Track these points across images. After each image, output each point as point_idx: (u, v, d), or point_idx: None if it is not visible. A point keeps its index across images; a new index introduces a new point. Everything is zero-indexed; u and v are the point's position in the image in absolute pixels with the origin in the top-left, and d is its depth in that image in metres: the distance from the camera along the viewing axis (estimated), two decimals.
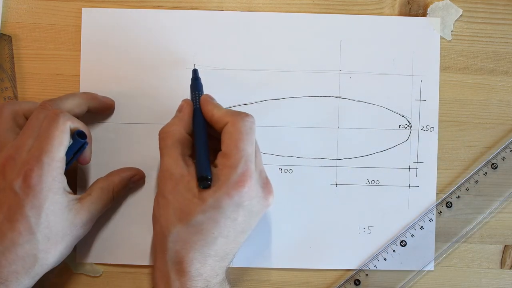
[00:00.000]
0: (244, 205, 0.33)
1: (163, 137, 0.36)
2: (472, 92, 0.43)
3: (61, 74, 0.43)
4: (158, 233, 0.35)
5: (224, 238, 0.33)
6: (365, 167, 0.43)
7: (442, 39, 0.43)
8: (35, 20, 0.43)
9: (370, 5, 0.43)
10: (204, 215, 0.32)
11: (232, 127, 0.34)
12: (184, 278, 0.33)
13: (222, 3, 0.43)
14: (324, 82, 0.43)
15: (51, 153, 0.34)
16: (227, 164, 0.33)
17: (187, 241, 0.33)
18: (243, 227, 0.34)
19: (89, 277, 0.43)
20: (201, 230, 0.33)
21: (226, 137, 0.34)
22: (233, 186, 0.32)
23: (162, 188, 0.34)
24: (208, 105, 0.37)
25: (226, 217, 0.33)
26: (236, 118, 0.34)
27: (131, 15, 0.42)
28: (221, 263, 0.35)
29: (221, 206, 0.32)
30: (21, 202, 0.33)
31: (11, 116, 0.37)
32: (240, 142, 0.33)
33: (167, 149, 0.35)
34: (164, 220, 0.34)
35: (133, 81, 0.42)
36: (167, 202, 0.34)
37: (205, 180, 0.33)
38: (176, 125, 0.36)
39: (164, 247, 0.34)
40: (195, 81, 0.39)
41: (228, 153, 0.33)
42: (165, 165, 0.35)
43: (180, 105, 0.38)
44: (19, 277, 0.34)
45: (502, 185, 0.43)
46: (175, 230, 0.33)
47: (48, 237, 0.34)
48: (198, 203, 0.32)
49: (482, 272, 0.43)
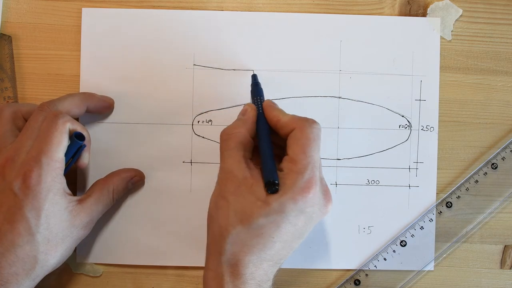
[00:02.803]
0: (306, 211, 0.33)
1: (225, 139, 0.35)
2: (472, 92, 0.43)
3: (61, 74, 0.43)
4: (215, 234, 0.34)
5: (282, 243, 0.33)
6: (365, 167, 0.43)
7: (442, 39, 0.43)
8: (35, 20, 0.43)
9: (370, 5, 0.43)
10: (266, 218, 0.32)
11: (299, 133, 0.34)
12: (238, 280, 0.33)
13: (222, 3, 0.43)
14: (324, 82, 0.43)
15: (50, 154, 0.34)
16: (294, 170, 0.33)
17: (245, 243, 0.32)
18: (301, 233, 0.34)
19: (89, 277, 0.43)
20: (261, 233, 0.32)
21: (293, 143, 0.34)
22: (298, 191, 0.32)
23: (223, 189, 0.34)
24: (273, 110, 0.36)
25: (287, 222, 0.32)
26: (304, 124, 0.34)
27: (131, 15, 0.42)
28: (274, 268, 0.34)
29: (284, 210, 0.32)
30: (21, 203, 0.33)
31: (10, 118, 0.37)
32: (308, 148, 0.33)
33: (230, 150, 0.35)
34: (223, 221, 0.33)
35: (133, 81, 0.42)
36: (227, 203, 0.33)
37: (273, 185, 0.32)
38: (240, 128, 0.36)
39: (220, 248, 0.33)
40: (255, 86, 0.40)
41: (295, 159, 0.33)
42: (227, 167, 0.34)
43: (244, 109, 0.38)
44: (19, 278, 0.34)
45: (502, 185, 0.43)
46: (235, 231, 0.33)
47: (48, 238, 0.34)
48: (262, 206, 0.32)
49: (482, 272, 0.43)
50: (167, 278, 0.43)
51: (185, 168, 0.42)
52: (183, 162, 0.42)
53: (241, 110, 0.38)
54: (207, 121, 0.43)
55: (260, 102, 0.38)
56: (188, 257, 0.42)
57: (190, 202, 0.42)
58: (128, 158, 0.42)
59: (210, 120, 0.43)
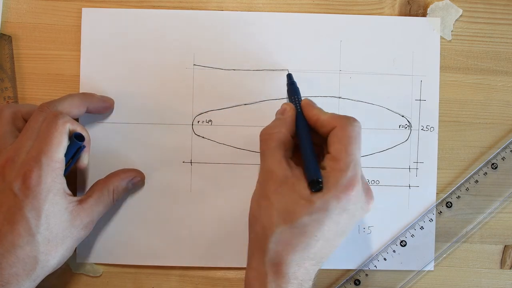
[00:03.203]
0: (349, 208, 0.33)
1: (265, 139, 0.35)
2: (472, 92, 0.43)
3: (61, 74, 0.43)
4: (258, 234, 0.34)
5: (325, 241, 0.33)
6: (365, 167, 0.43)
7: (442, 39, 0.43)
8: (35, 20, 0.43)
9: (370, 5, 0.43)
10: (310, 217, 0.32)
11: (341, 131, 0.34)
12: (281, 280, 0.33)
13: (222, 3, 0.43)
14: (324, 82, 0.43)
15: (50, 154, 0.34)
16: (337, 168, 0.33)
17: (289, 242, 0.33)
18: (343, 230, 0.34)
19: (89, 277, 0.43)
20: (304, 232, 0.32)
21: (335, 141, 0.34)
22: (342, 189, 0.32)
23: (265, 189, 0.34)
24: (313, 109, 0.36)
25: (331, 220, 0.32)
26: (345, 122, 0.34)
27: (131, 15, 0.42)
28: (315, 267, 0.34)
29: (328, 208, 0.32)
30: (21, 204, 0.33)
31: (10, 118, 0.37)
32: (350, 146, 0.33)
33: (271, 150, 0.35)
34: (266, 220, 0.33)
35: (133, 81, 0.42)
36: (270, 203, 0.33)
37: (317, 183, 0.32)
38: (280, 127, 0.35)
39: (264, 248, 0.33)
40: (291, 85, 0.39)
41: (337, 157, 0.33)
42: (268, 166, 0.34)
43: (282, 108, 0.37)
44: (19, 279, 0.34)
45: (502, 185, 0.43)
46: (278, 230, 0.33)
47: (48, 239, 0.34)
48: (305, 205, 0.32)
49: (482, 272, 0.43)
50: (167, 278, 0.43)
51: (185, 168, 0.42)
52: (183, 162, 0.42)
53: (279, 110, 0.38)
54: (207, 121, 0.43)
55: (298, 101, 0.38)
56: (188, 257, 0.42)
57: (190, 202, 0.42)
58: (128, 158, 0.42)
59: (210, 120, 0.43)
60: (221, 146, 0.43)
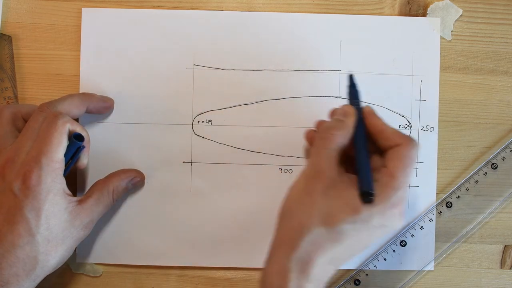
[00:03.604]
0: (386, 225, 0.33)
1: (325, 137, 0.35)
2: (472, 92, 0.43)
3: (61, 74, 0.43)
4: (291, 228, 0.34)
5: (352, 251, 0.34)
6: None
7: (442, 39, 0.43)
8: (35, 20, 0.43)
9: (370, 5, 0.43)
10: (351, 225, 0.32)
11: (405, 151, 0.34)
12: (304, 278, 0.33)
13: (222, 3, 0.43)
14: (324, 82, 0.43)
15: (49, 154, 0.34)
16: (391, 185, 0.33)
17: (321, 245, 0.33)
18: (370, 243, 0.34)
19: (89, 277, 0.43)
20: (340, 238, 0.33)
21: (396, 158, 0.34)
22: (389, 206, 0.32)
23: (310, 186, 0.34)
24: (377, 119, 0.36)
25: (367, 233, 0.33)
26: (411, 144, 0.34)
27: (131, 15, 0.42)
28: (331, 271, 0.34)
29: (370, 221, 0.32)
30: (21, 204, 0.33)
31: (10, 119, 0.37)
32: (408, 168, 0.33)
33: (327, 150, 0.34)
34: (305, 218, 0.33)
35: (133, 81, 0.42)
36: (313, 202, 0.33)
37: (369, 196, 0.32)
38: (341, 130, 0.35)
39: (294, 244, 0.33)
40: (353, 88, 0.38)
41: (395, 175, 0.33)
42: (320, 166, 0.34)
43: (344, 110, 0.36)
44: (19, 279, 0.34)
45: (502, 185, 0.43)
46: (316, 231, 0.33)
47: (48, 239, 0.34)
48: (349, 213, 0.32)
49: (482, 272, 0.43)
50: (167, 278, 0.43)
51: (185, 168, 0.42)
52: (183, 162, 0.42)
53: (340, 110, 0.37)
54: (207, 121, 0.43)
55: (358, 105, 0.37)
56: (188, 257, 0.42)
57: (190, 202, 0.42)
58: (128, 158, 0.42)
59: (210, 120, 0.43)
60: (221, 146, 0.43)
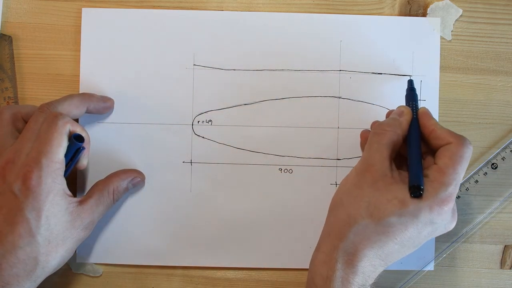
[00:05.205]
0: (435, 222, 0.34)
1: (379, 133, 0.36)
2: (472, 92, 0.43)
3: (61, 74, 0.43)
4: (340, 219, 0.35)
5: (401, 246, 0.34)
6: None
7: (442, 39, 0.43)
8: (35, 20, 0.43)
9: (370, 5, 0.43)
10: (398, 219, 0.33)
11: (455, 148, 0.34)
12: (349, 270, 0.33)
13: (222, 3, 0.43)
14: (324, 82, 0.43)
15: (50, 155, 0.34)
16: (440, 180, 0.33)
17: (368, 237, 0.33)
18: (419, 242, 0.35)
19: (89, 277, 0.43)
20: (387, 231, 0.33)
21: (446, 155, 0.34)
22: (437, 202, 0.33)
23: (360, 179, 0.35)
24: (430, 119, 0.37)
25: (415, 228, 0.33)
26: (462, 141, 0.34)
27: (131, 15, 0.42)
28: (381, 268, 0.35)
29: (418, 216, 0.33)
30: (21, 205, 0.33)
31: (10, 120, 0.37)
32: (458, 165, 0.34)
33: (380, 145, 0.35)
34: (353, 210, 0.34)
35: (133, 81, 0.42)
36: (362, 194, 0.34)
37: (418, 189, 0.33)
38: (396, 128, 0.36)
39: (342, 235, 0.34)
40: (411, 91, 0.40)
41: (445, 171, 0.34)
42: (372, 160, 0.35)
43: (400, 110, 0.38)
44: (20, 280, 0.34)
45: (502, 185, 0.43)
46: (363, 223, 0.33)
47: (48, 239, 0.34)
48: (397, 205, 0.33)
49: (482, 272, 0.43)
50: (167, 278, 0.43)
51: (185, 168, 0.42)
52: (183, 162, 0.42)
53: (396, 110, 0.38)
54: (207, 121, 0.43)
55: (415, 107, 0.38)
56: (188, 257, 0.42)
57: (190, 202, 0.42)
58: (128, 158, 0.42)
59: (210, 120, 0.43)
60: (221, 146, 0.43)
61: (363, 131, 0.42)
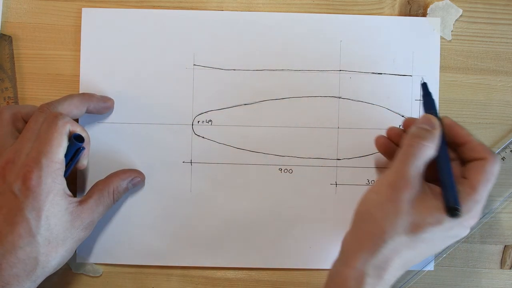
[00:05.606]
0: (459, 236, 0.35)
1: (414, 145, 0.35)
2: (472, 92, 0.43)
3: (61, 74, 0.43)
4: (371, 234, 0.34)
5: (423, 255, 0.35)
6: (365, 167, 0.43)
7: (442, 39, 0.43)
8: (35, 20, 0.43)
9: (370, 5, 0.43)
10: (431, 235, 0.33)
11: (490, 166, 0.34)
12: (379, 283, 0.34)
13: (222, 3, 0.43)
14: (324, 82, 0.43)
15: (50, 155, 0.34)
16: (473, 198, 0.34)
17: (400, 252, 0.33)
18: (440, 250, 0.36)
19: (89, 277, 0.43)
20: (419, 246, 0.34)
21: (480, 172, 0.34)
22: (468, 219, 0.34)
23: (395, 195, 0.34)
24: (463, 129, 0.36)
25: (442, 240, 0.35)
26: (496, 160, 0.35)
27: (131, 15, 0.42)
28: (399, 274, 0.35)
29: (449, 231, 0.34)
30: (21, 205, 0.33)
31: (10, 120, 0.37)
32: (489, 184, 0.34)
33: (416, 160, 0.34)
34: (388, 226, 0.34)
35: (133, 81, 0.42)
36: (397, 210, 0.34)
37: (455, 211, 0.33)
38: (431, 142, 0.35)
39: (374, 250, 0.34)
40: (428, 97, 0.38)
41: (478, 188, 0.34)
42: (408, 175, 0.34)
43: (430, 121, 0.36)
44: (20, 280, 0.34)
45: (502, 185, 0.43)
46: (398, 239, 0.33)
47: (48, 239, 0.34)
48: (434, 224, 0.33)
49: (482, 272, 0.43)
50: (167, 278, 0.43)
51: (185, 168, 0.42)
52: (183, 162, 0.42)
53: (424, 120, 0.36)
54: (207, 121, 0.43)
55: (435, 115, 0.37)
56: (188, 257, 0.42)
57: (190, 202, 0.42)
58: (128, 158, 0.42)
59: (210, 120, 0.43)
60: (221, 146, 0.43)
61: (378, 137, 0.40)
